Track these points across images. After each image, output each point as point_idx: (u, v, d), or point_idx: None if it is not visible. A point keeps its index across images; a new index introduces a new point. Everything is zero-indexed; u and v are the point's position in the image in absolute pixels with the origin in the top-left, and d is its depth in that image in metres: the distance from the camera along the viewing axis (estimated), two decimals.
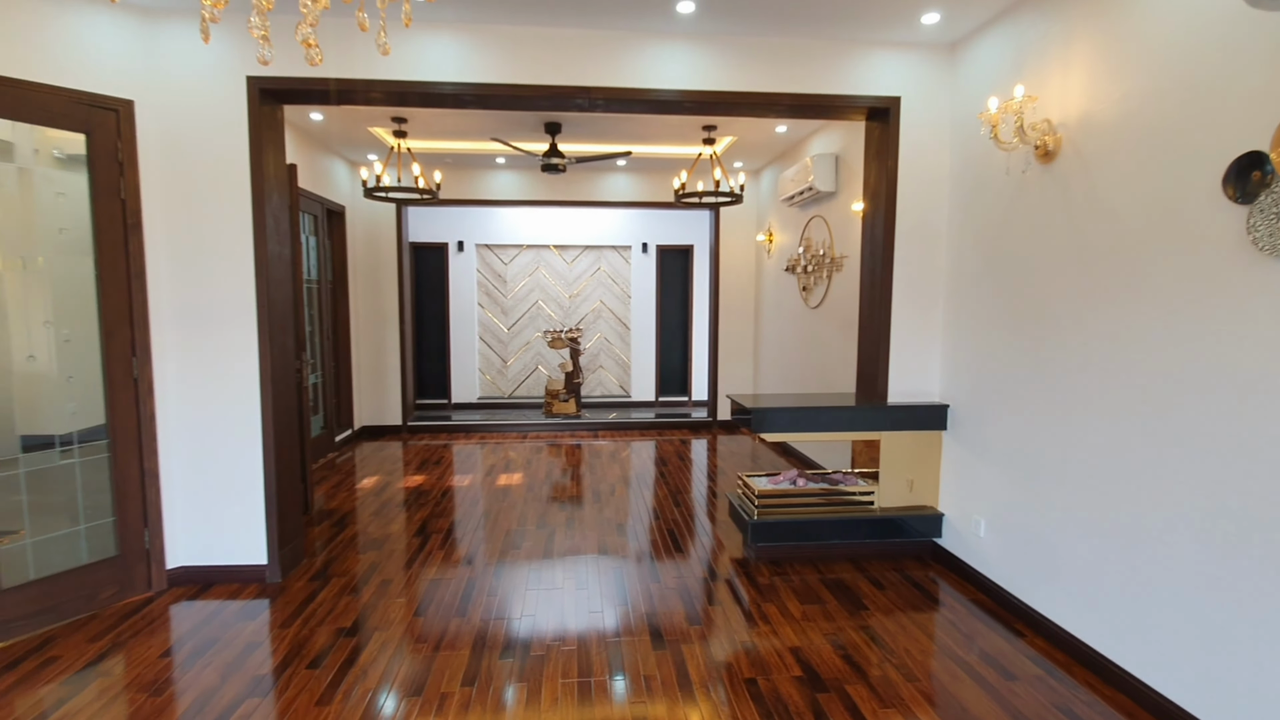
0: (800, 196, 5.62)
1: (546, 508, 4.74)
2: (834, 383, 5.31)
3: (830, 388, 5.37)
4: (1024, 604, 3.06)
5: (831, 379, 5.36)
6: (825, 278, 5.43)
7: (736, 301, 7.67)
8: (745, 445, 6.89)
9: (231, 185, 3.37)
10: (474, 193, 7.29)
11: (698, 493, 5.16)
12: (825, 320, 5.50)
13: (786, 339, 6.47)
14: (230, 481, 3.48)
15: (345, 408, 6.93)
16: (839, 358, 5.21)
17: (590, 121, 5.44)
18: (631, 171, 7.40)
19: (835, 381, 5.29)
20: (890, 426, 3.68)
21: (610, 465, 6.01)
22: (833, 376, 5.34)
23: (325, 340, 6.34)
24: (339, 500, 4.96)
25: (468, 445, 6.93)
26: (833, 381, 5.33)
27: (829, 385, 5.41)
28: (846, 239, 5.07)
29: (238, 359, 3.43)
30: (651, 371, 9.10)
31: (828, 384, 5.44)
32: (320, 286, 6.25)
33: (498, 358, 9.05)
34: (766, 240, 6.98)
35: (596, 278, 9.08)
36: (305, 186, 5.80)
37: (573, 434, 7.48)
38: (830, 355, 5.38)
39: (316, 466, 5.92)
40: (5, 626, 2.89)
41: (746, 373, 7.74)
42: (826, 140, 5.43)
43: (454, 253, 8.74)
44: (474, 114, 5.22)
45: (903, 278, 3.74)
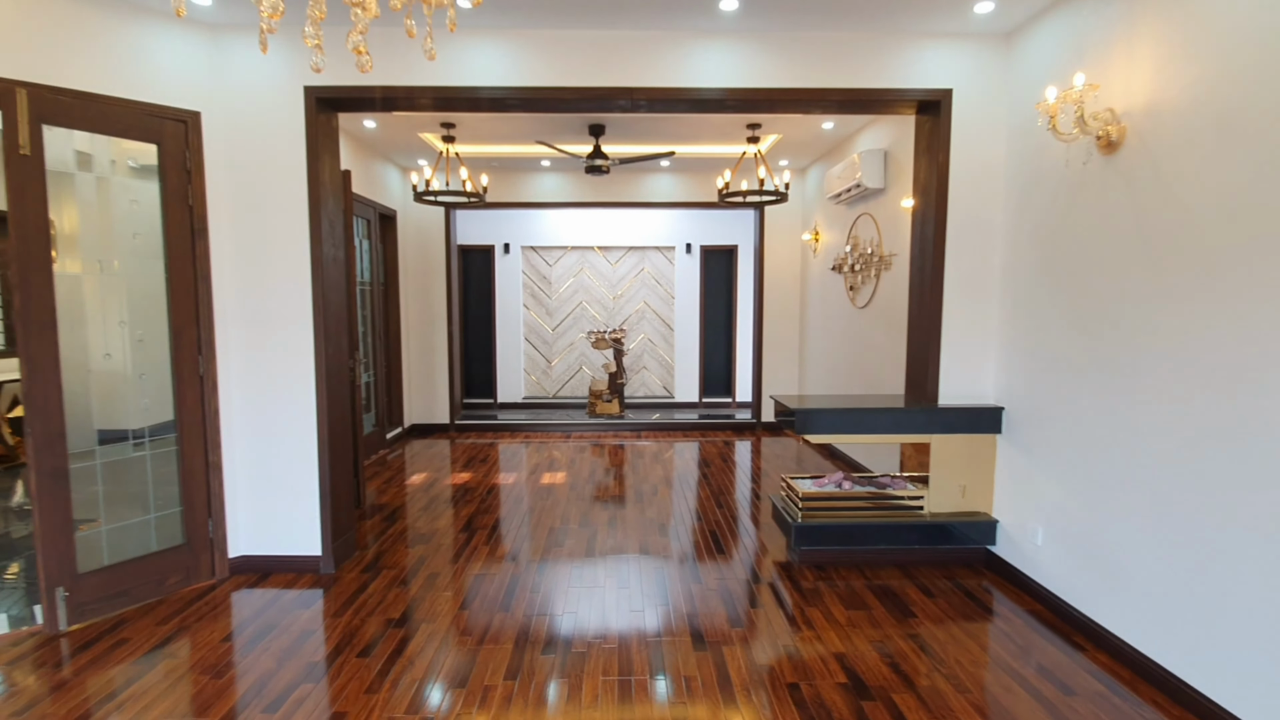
0: (847, 194, 5.51)
1: (589, 507, 4.77)
2: (881, 384, 5.19)
3: (878, 389, 5.25)
4: (1085, 616, 2.92)
5: (879, 380, 5.23)
6: (873, 277, 5.31)
7: (781, 302, 7.57)
8: (790, 448, 6.79)
9: (289, 191, 3.51)
10: (519, 196, 7.41)
11: (741, 495, 5.11)
12: (873, 320, 5.37)
13: (832, 340, 6.35)
14: (287, 475, 3.62)
15: (396, 406, 7.13)
16: (887, 358, 5.08)
17: (634, 123, 5.46)
18: (675, 172, 7.39)
19: (883, 383, 5.16)
20: (941, 429, 3.57)
21: (653, 466, 6.01)
22: (880, 378, 5.21)
23: (377, 340, 6.54)
24: (389, 495, 5.10)
25: (512, 444, 7.04)
26: (880, 383, 5.21)
27: (876, 387, 5.28)
28: (896, 237, 4.94)
29: (295, 357, 3.57)
30: (695, 372, 9.06)
31: (875, 385, 5.31)
32: (373, 288, 6.45)
33: (542, 358, 9.17)
34: (812, 239, 6.87)
35: (640, 279, 9.10)
36: (359, 192, 6.00)
37: (616, 434, 7.51)
38: (878, 356, 5.26)
39: (368, 463, 6.11)
40: (81, 608, 3.08)
41: (791, 374, 7.63)
42: (875, 136, 5.31)
43: (500, 255, 8.90)
44: (519, 118, 5.31)
45: (955, 276, 3.63)
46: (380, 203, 6.52)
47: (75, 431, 3.06)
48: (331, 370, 3.64)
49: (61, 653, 2.82)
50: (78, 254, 3.15)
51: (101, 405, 3.22)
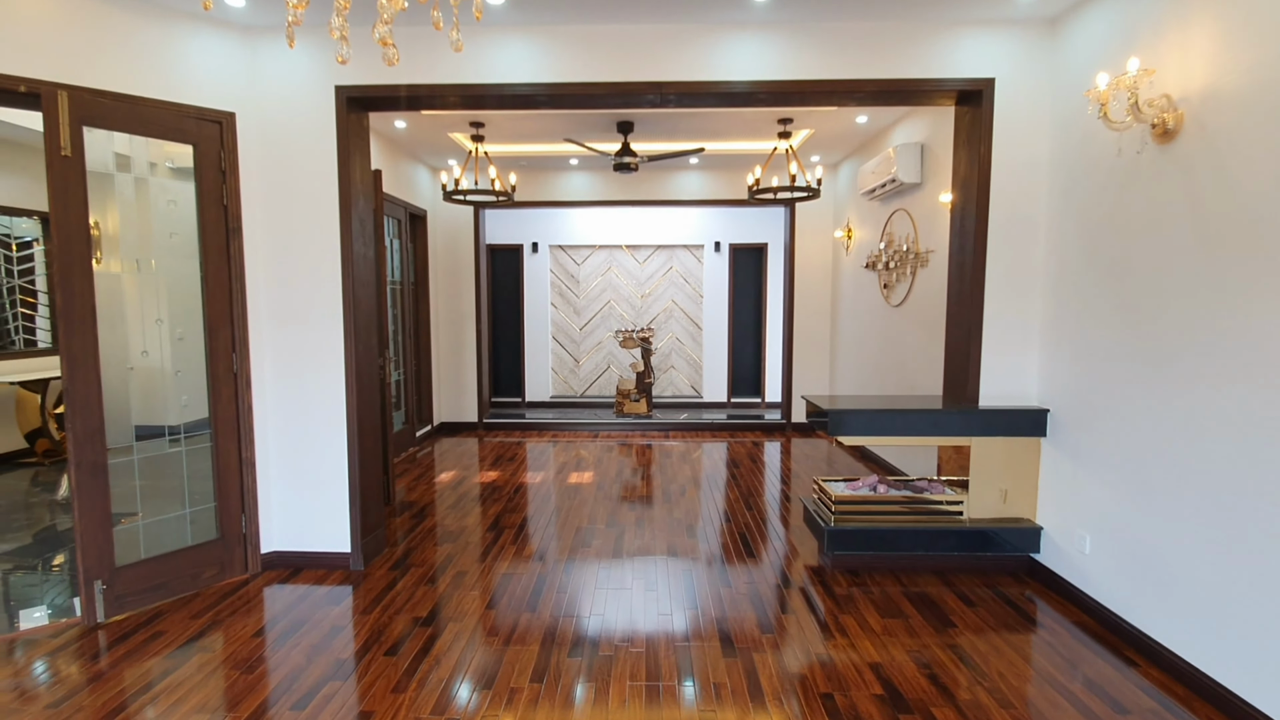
0: (882, 189, 5.37)
1: (616, 507, 4.73)
2: (917, 384, 5.05)
3: (912, 390, 5.10)
4: (1136, 629, 2.78)
5: (914, 381, 5.09)
6: (908, 274, 5.17)
7: (812, 300, 7.44)
8: (820, 449, 6.66)
9: (321, 190, 3.54)
10: (548, 195, 7.41)
11: (770, 496, 5.02)
12: (908, 319, 5.23)
13: (865, 339, 6.21)
14: (319, 473, 3.65)
15: (426, 404, 7.19)
16: (923, 358, 4.94)
17: (662, 119, 5.40)
18: (704, 169, 7.31)
19: (918, 383, 5.02)
20: (981, 431, 3.44)
21: (681, 466, 5.95)
22: (916, 378, 5.07)
23: (407, 339, 6.60)
24: (418, 493, 5.13)
25: (540, 443, 7.04)
26: (915, 383, 5.07)
27: (911, 387, 5.14)
28: (933, 233, 4.80)
29: (326, 355, 3.59)
30: (724, 372, 8.97)
31: (910, 386, 5.17)
32: (403, 287, 6.51)
33: (570, 357, 9.17)
34: (844, 236, 6.73)
35: (668, 277, 9.04)
36: (389, 192, 6.06)
37: (643, 434, 7.47)
38: (913, 356, 5.12)
39: (398, 460, 6.17)
40: (120, 600, 3.14)
41: (822, 374, 7.50)
42: (910, 129, 5.17)
43: (528, 254, 8.92)
44: (548, 116, 5.30)
45: (996, 272, 3.49)
46: (410, 202, 6.58)
47: (114, 427, 3.13)
48: (362, 368, 3.66)
49: (99, 644, 2.88)
50: (117, 253, 3.22)
51: (140, 402, 3.28)
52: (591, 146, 5.20)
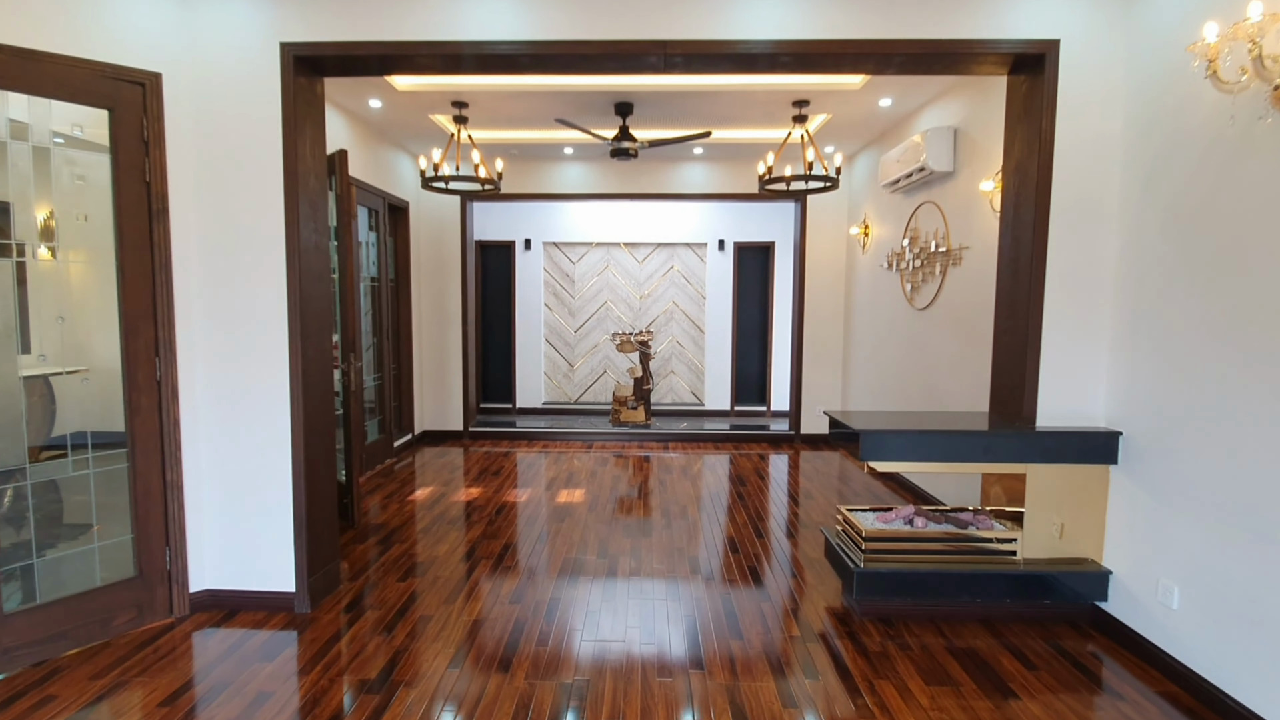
0: (907, 180, 4.85)
1: (609, 532, 4.20)
2: (943, 396, 4.52)
3: (939, 401, 4.58)
4: (1243, 707, 2.25)
5: (941, 392, 4.57)
6: (937, 274, 4.65)
7: (823, 303, 6.92)
8: (833, 464, 6.14)
9: (263, 166, 3.01)
10: (540, 186, 6.88)
11: (782, 521, 4.48)
12: (935, 323, 4.70)
13: (883, 345, 5.68)
14: (260, 498, 3.12)
15: (406, 412, 6.65)
16: (954, 368, 4.41)
17: (665, 101, 4.88)
18: (709, 160, 6.79)
19: (945, 394, 4.50)
20: (1041, 457, 2.91)
21: (681, 482, 5.41)
22: (943, 389, 4.54)
23: (385, 341, 6.06)
24: (390, 513, 4.59)
25: (529, 454, 6.50)
26: (942, 395, 4.54)
27: (937, 398, 4.61)
28: (967, 227, 4.28)
29: (267, 361, 3.06)
30: (727, 378, 8.44)
31: (936, 397, 4.64)
32: (381, 284, 5.98)
33: (564, 361, 8.64)
34: (861, 233, 6.21)
35: (669, 277, 8.52)
36: (365, 179, 5.53)
37: (640, 445, 6.93)
38: (941, 364, 4.59)
39: (372, 474, 5.63)
40: (9, 655, 2.60)
41: (833, 381, 6.97)
42: (941, 112, 4.65)
43: (521, 251, 8.39)
44: (538, 95, 4.78)
45: (1058, 270, 2.97)
46: (390, 192, 6.05)
47: (1, 445, 2.59)
48: (311, 376, 3.13)
49: None
50: (10, 237, 2.68)
51: (37, 415, 2.75)
52: (586, 129, 4.67)
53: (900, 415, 3.36)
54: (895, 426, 2.97)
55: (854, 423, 3.01)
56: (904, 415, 3.36)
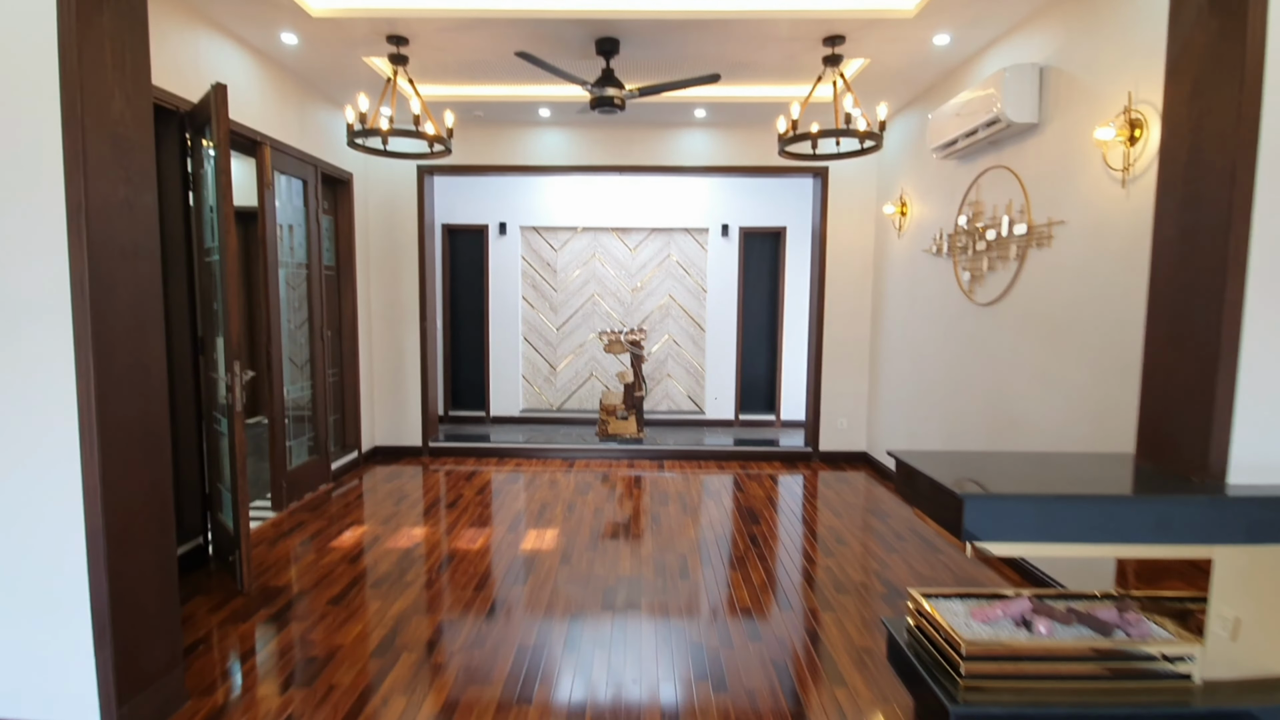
0: (968, 140, 3.80)
1: (584, 600, 3.15)
2: (1023, 419, 3.48)
3: (1015, 427, 3.53)
4: None
5: (1018, 413, 3.52)
6: (1012, 258, 3.60)
7: (847, 296, 5.87)
8: (858, 488, 5.10)
9: (24, 76, 1.93)
10: (512, 157, 5.80)
11: (811, 579, 3.44)
12: (1007, 322, 3.66)
13: (928, 347, 4.64)
14: (39, 588, 2.05)
15: (350, 426, 5.58)
16: (1036, 380, 3.37)
17: (659, 37, 3.80)
18: (712, 126, 5.72)
19: (1025, 417, 3.46)
20: (1241, 535, 1.87)
21: (678, 518, 4.36)
22: (1021, 410, 3.50)
23: (317, 340, 4.98)
24: (302, 567, 3.53)
25: (500, 475, 5.44)
26: (1021, 418, 3.50)
27: (1013, 422, 3.57)
28: (1059, 196, 3.23)
29: (31, 382, 1.98)
30: (731, 383, 7.39)
31: (1011, 420, 3.60)
32: (313, 272, 4.90)
33: (545, 363, 7.57)
34: (897, 212, 5.15)
35: (665, 267, 7.45)
36: (288, 141, 4.44)
37: (631, 463, 5.88)
38: (1016, 376, 3.55)
39: (297, 506, 4.56)
40: None
41: (858, 389, 5.93)
42: (1018, 49, 3.59)
43: (494, 236, 7.31)
44: (499, 27, 3.70)
45: (1270, 246, 1.91)
46: (324, 159, 4.96)
47: None
48: (120, 399, 2.05)
49: None
50: None
51: None
52: (558, 69, 3.59)
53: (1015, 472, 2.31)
54: (1016, 491, 1.92)
55: (949, 483, 1.95)
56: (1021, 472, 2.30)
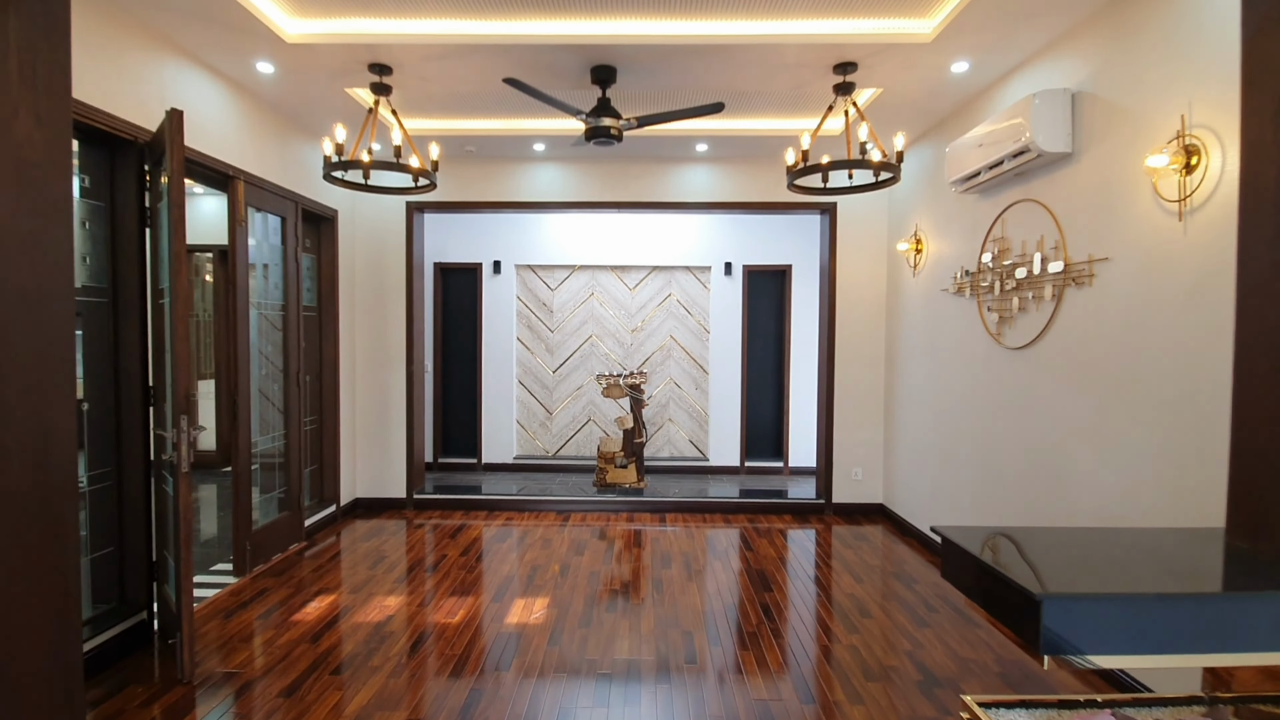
0: (992, 172, 3.52)
1: (576, 692, 2.73)
2: (1065, 476, 3.11)
3: (1060, 484, 3.16)
4: None
5: (1060, 469, 3.15)
6: (1048, 298, 3.28)
7: (858, 337, 5.55)
8: (876, 544, 4.68)
9: None
10: (506, 193, 5.55)
11: (837, 666, 3.02)
12: (1043, 368, 3.32)
13: (952, 394, 4.29)
14: None
15: (329, 477, 5.20)
16: (1084, 434, 3.01)
17: (658, 63, 3.57)
18: (715, 161, 5.49)
19: (1068, 474, 3.09)
20: None
21: (682, 584, 3.94)
22: (1064, 466, 3.13)
23: (294, 386, 4.64)
24: (254, 648, 3.11)
25: (490, 530, 5.04)
26: (1063, 474, 3.13)
27: (1056, 480, 3.20)
28: (1100, 231, 2.93)
29: None
30: (736, 428, 7.02)
31: (1052, 477, 3.23)
32: (290, 313, 4.59)
33: (540, 408, 7.21)
34: (911, 249, 4.87)
35: (666, 306, 7.16)
36: (266, 176, 4.19)
37: (630, 516, 5.47)
38: (1057, 428, 3.19)
39: (263, 570, 4.15)
40: None
41: (872, 437, 5.55)
42: (1044, 75, 3.34)
43: (488, 275, 7.04)
44: (487, 54, 3.46)
45: None
46: (305, 195, 4.71)
47: None
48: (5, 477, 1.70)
49: None
50: None
51: None
52: (550, 96, 3.34)
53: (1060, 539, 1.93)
54: (1109, 586, 1.54)
55: (1022, 580, 1.58)
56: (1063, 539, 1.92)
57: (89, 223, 3.11)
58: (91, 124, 2.93)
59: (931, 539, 4.54)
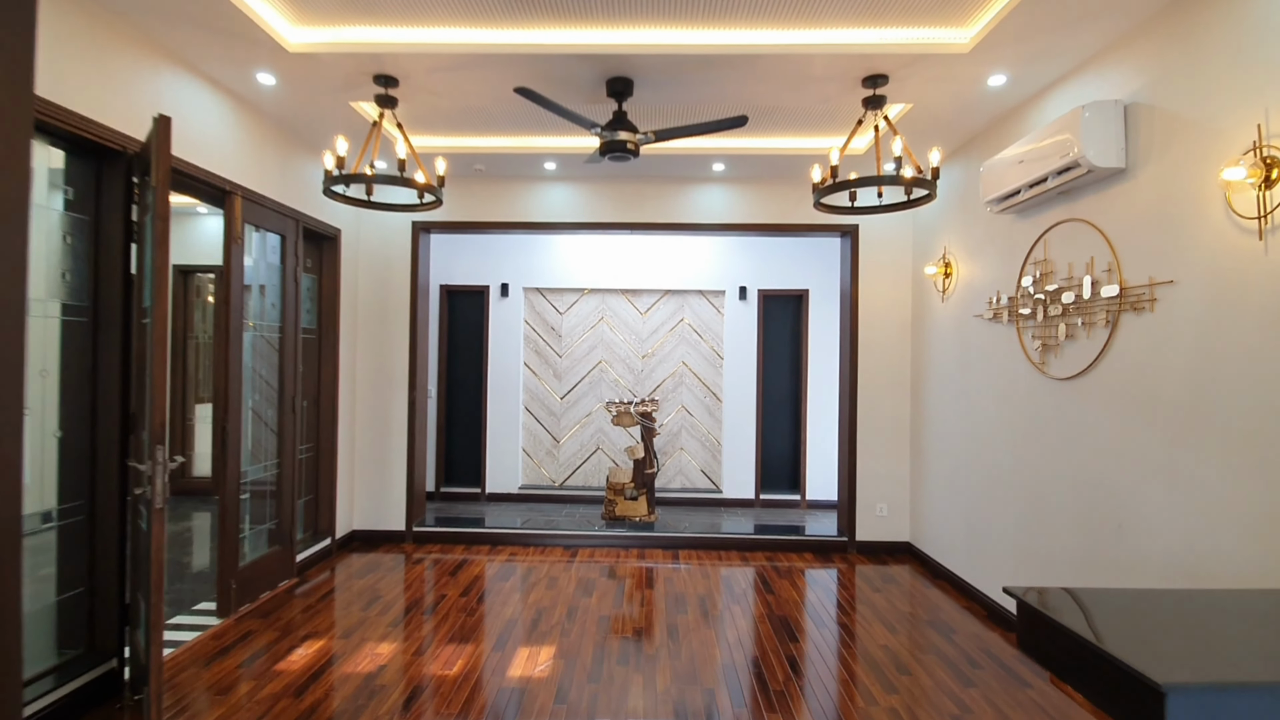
0: (1032, 191, 3.30)
1: None
2: (1128, 520, 2.82)
3: (1121, 529, 2.86)
4: None
5: (1120, 512, 2.86)
6: (1101, 325, 3.02)
7: (881, 366, 5.29)
8: (905, 587, 4.36)
9: None
10: (514, 213, 5.38)
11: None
12: (1097, 400, 3.05)
13: (988, 426, 4.01)
14: None
15: (325, 508, 4.93)
16: (1145, 473, 2.73)
17: (677, 75, 3.38)
18: (732, 182, 5.30)
19: (1131, 518, 2.80)
20: None
21: (701, 632, 3.64)
22: (1125, 508, 2.84)
23: (289, 412, 4.41)
24: (226, 707, 2.83)
25: (492, 566, 4.75)
26: (1125, 517, 2.84)
27: (1116, 524, 2.90)
28: (1160, 253, 2.68)
29: None
30: (751, 459, 6.72)
31: (1110, 520, 2.93)
32: (287, 335, 4.38)
33: (547, 435, 6.95)
34: (939, 273, 4.63)
35: (678, 332, 6.92)
36: (265, 193, 4.01)
37: (641, 553, 5.17)
38: (1116, 466, 2.91)
39: (249, 610, 3.87)
40: None
41: (898, 471, 5.26)
42: (1088, 87, 3.13)
43: (495, 298, 6.84)
44: (499, 65, 3.29)
45: None
46: (307, 214, 4.53)
47: None
48: None
49: None
50: None
51: None
52: (564, 108, 3.15)
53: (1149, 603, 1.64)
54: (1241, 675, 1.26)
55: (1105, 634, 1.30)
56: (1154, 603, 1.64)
57: (71, 237, 2.92)
58: (78, 133, 2.75)
59: (966, 582, 4.22)
